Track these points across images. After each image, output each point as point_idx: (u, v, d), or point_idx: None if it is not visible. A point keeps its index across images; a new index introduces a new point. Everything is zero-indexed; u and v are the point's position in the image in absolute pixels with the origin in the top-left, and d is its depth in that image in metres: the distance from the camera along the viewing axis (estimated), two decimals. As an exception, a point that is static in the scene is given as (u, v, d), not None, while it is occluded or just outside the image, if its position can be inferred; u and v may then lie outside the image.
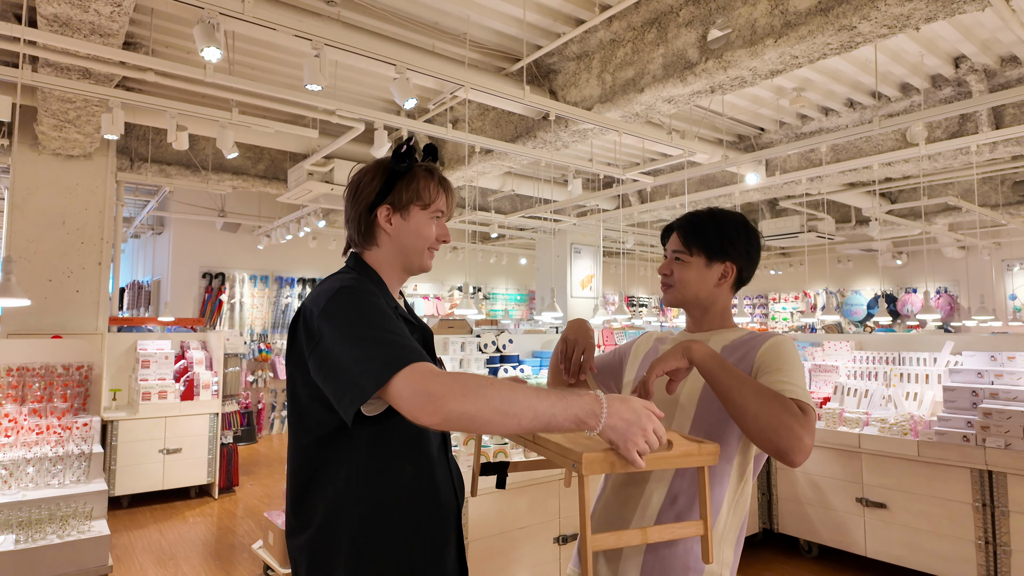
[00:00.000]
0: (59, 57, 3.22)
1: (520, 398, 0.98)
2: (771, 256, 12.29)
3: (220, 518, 4.83)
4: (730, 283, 1.44)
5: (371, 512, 1.14)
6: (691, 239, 1.43)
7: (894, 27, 2.87)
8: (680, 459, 1.06)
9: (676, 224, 1.49)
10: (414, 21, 3.95)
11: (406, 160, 1.26)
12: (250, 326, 8.61)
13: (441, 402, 0.96)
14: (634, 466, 0.99)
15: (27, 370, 2.73)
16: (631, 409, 1.00)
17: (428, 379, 0.98)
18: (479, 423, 0.97)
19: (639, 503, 1.34)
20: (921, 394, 3.83)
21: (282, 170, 6.51)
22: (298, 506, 1.19)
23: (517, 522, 2.84)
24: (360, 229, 1.28)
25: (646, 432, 0.99)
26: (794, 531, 3.97)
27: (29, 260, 4.91)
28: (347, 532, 1.13)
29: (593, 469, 0.98)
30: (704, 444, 1.08)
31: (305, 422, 1.17)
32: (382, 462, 1.16)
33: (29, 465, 2.22)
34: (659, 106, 3.99)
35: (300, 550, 1.18)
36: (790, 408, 1.15)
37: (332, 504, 1.14)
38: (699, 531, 1.10)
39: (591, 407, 0.99)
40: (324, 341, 1.09)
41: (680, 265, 1.44)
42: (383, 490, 1.16)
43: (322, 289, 1.17)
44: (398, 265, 1.29)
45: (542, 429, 1.00)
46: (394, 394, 1.00)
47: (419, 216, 1.27)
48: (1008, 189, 7.72)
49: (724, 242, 1.41)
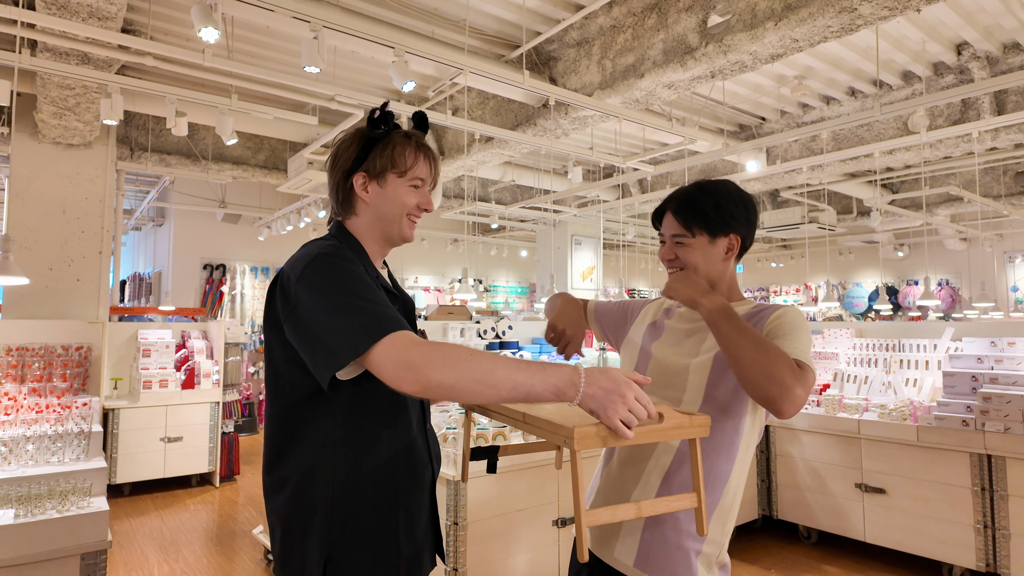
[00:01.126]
0: (58, 41, 3.22)
1: (499, 368, 0.99)
2: (772, 248, 12.27)
3: (221, 506, 4.85)
4: (735, 254, 1.39)
5: (345, 476, 1.15)
6: (690, 219, 1.36)
7: (895, 9, 2.86)
8: (671, 432, 1.05)
9: (669, 204, 1.41)
10: (413, 7, 3.93)
11: (381, 126, 1.24)
12: (251, 317, 8.62)
13: (421, 372, 0.97)
14: (621, 437, 0.97)
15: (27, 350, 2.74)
16: (610, 378, 0.99)
17: (408, 348, 0.99)
18: (458, 392, 0.98)
19: (640, 479, 1.33)
20: (921, 380, 3.83)
21: (282, 160, 6.51)
22: (274, 468, 1.19)
23: (516, 504, 2.84)
24: (339, 198, 1.27)
25: (626, 399, 0.97)
26: (793, 517, 3.97)
27: (30, 249, 4.91)
28: (321, 495, 1.14)
29: (585, 444, 0.97)
30: (695, 416, 1.07)
31: (281, 385, 1.17)
32: (357, 427, 1.16)
33: (29, 443, 2.23)
34: (659, 92, 3.97)
35: (276, 512, 1.18)
36: (787, 360, 1.15)
37: (307, 467, 1.15)
38: (693, 504, 1.08)
39: (570, 377, 0.99)
40: (301, 307, 1.08)
41: (684, 248, 1.37)
42: (358, 454, 1.16)
43: (300, 255, 1.16)
44: (377, 234, 1.27)
45: (521, 399, 1.01)
46: (374, 362, 1.01)
47: (396, 183, 1.24)
48: (1010, 179, 7.69)
49: (724, 215, 1.35)
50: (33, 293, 4.89)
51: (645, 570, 1.26)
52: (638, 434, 1.01)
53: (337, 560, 1.13)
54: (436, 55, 3.30)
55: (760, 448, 4.13)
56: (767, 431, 4.12)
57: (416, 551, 1.22)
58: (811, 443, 3.90)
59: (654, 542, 1.27)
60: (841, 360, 4.32)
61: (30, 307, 4.83)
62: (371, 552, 1.15)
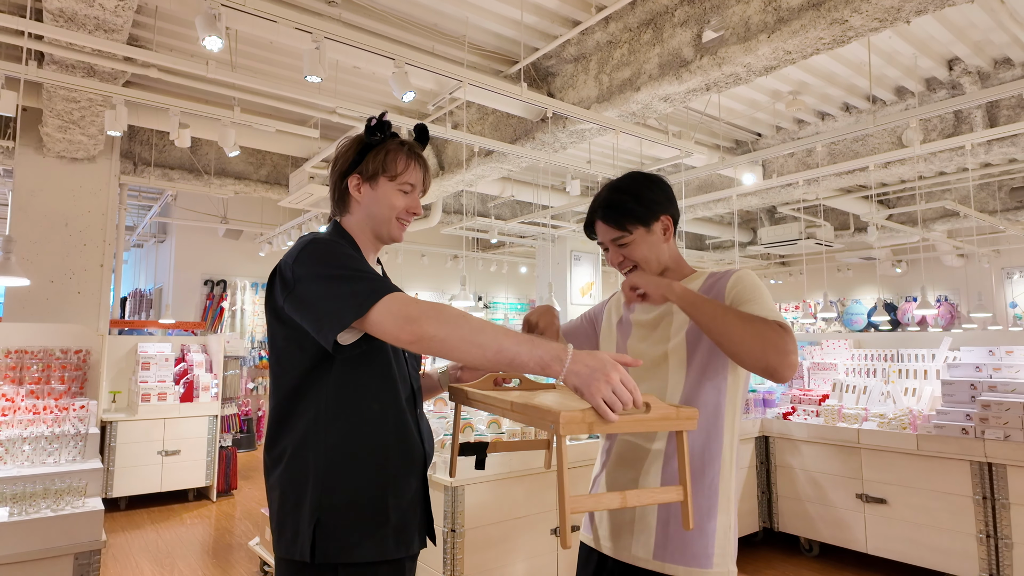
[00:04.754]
0: (64, 53, 3.28)
1: (488, 332, 1.05)
2: (771, 265, 12.31)
3: (218, 519, 4.81)
4: (672, 233, 1.46)
5: (337, 443, 1.19)
6: (620, 219, 1.42)
7: (885, 20, 2.92)
8: (657, 422, 1.04)
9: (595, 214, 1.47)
10: (413, 23, 4.01)
11: (377, 133, 1.33)
12: (251, 333, 8.62)
13: (417, 323, 1.05)
14: (605, 419, 0.98)
15: (25, 352, 2.75)
16: (596, 357, 1.01)
17: (407, 304, 1.08)
18: (448, 347, 1.05)
19: (642, 469, 1.35)
20: (920, 389, 3.82)
21: (284, 175, 6.57)
22: (272, 444, 1.24)
23: (514, 512, 2.83)
24: (335, 196, 1.37)
25: (610, 379, 0.98)
26: (794, 529, 3.94)
27: (32, 261, 4.95)
28: (314, 463, 1.18)
29: (571, 429, 0.97)
30: (683, 409, 1.06)
31: (283, 364, 1.24)
32: (349, 398, 1.21)
33: (25, 443, 2.22)
34: (655, 104, 4.03)
35: (273, 485, 1.23)
36: (773, 327, 1.20)
37: (300, 438, 1.20)
38: (679, 496, 1.08)
39: (556, 352, 1.02)
40: (300, 284, 1.16)
41: (628, 248, 1.43)
42: (349, 424, 1.20)
43: (295, 245, 1.25)
44: (369, 232, 1.35)
45: (505, 365, 1.04)
46: (375, 320, 1.08)
47: (386, 187, 1.33)
48: (1006, 195, 7.75)
49: (646, 202, 1.42)
50: (34, 304, 4.91)
51: (665, 559, 1.29)
52: (624, 422, 1.00)
53: (326, 524, 1.16)
54: (435, 67, 3.37)
55: (760, 459, 4.11)
56: (766, 442, 4.11)
57: (404, 523, 1.24)
58: (811, 453, 3.88)
59: (670, 531, 1.30)
60: (840, 370, 4.32)
61: (31, 317, 4.85)
62: (360, 518, 1.18)
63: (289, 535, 1.18)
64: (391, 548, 1.21)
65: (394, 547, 1.21)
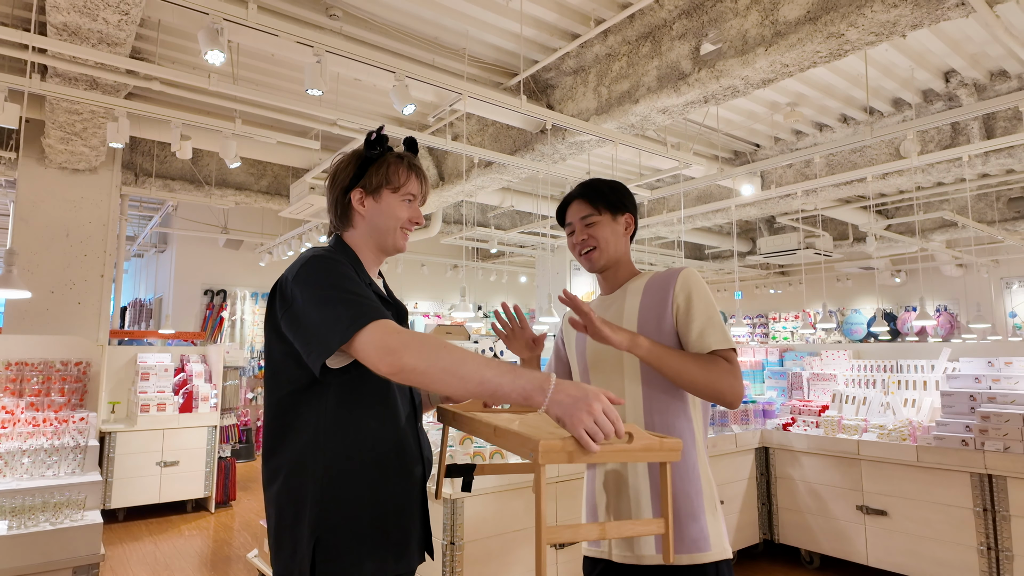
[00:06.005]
0: (67, 66, 3.31)
1: (470, 363, 1.04)
2: (770, 275, 12.32)
3: (216, 531, 4.79)
4: (631, 233, 1.59)
5: (335, 462, 1.19)
6: (595, 198, 1.54)
7: (881, 34, 2.95)
8: (640, 453, 1.03)
9: (574, 194, 1.59)
10: (414, 36, 4.05)
11: (377, 147, 1.35)
12: (251, 343, 8.62)
13: (397, 355, 1.05)
14: (587, 450, 0.97)
15: (25, 365, 2.75)
16: (579, 387, 1.01)
17: (389, 334, 1.08)
18: (428, 379, 1.04)
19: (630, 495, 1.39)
20: (919, 401, 3.82)
21: (285, 186, 6.60)
22: (270, 459, 1.24)
23: (513, 524, 2.82)
24: (337, 212, 1.37)
25: (592, 410, 0.98)
26: (795, 541, 3.92)
27: (32, 272, 4.96)
28: (312, 482, 1.18)
29: (550, 458, 0.96)
30: (666, 440, 1.05)
31: (278, 378, 1.24)
32: (348, 416, 1.21)
33: (24, 456, 2.22)
34: (654, 116, 4.06)
35: (271, 500, 1.23)
36: (722, 367, 1.34)
37: (298, 455, 1.20)
38: (660, 529, 1.07)
39: (539, 382, 1.02)
40: (296, 302, 1.17)
41: (594, 227, 1.54)
42: (348, 442, 1.20)
43: (297, 260, 1.26)
44: (373, 244, 1.37)
45: (488, 396, 1.05)
46: (359, 347, 1.09)
47: (390, 198, 1.35)
48: (1004, 205, 7.77)
49: (618, 195, 1.56)
50: (34, 315, 4.91)
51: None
52: (605, 452, 0.99)
53: (325, 543, 1.16)
54: (436, 80, 3.39)
55: (760, 471, 4.10)
56: (766, 453, 4.10)
57: (404, 539, 1.24)
58: (811, 465, 3.87)
59: None
60: (839, 381, 4.32)
61: (31, 328, 4.86)
62: (359, 537, 1.18)
63: (287, 552, 1.18)
64: (391, 565, 1.21)
65: (394, 564, 1.21)
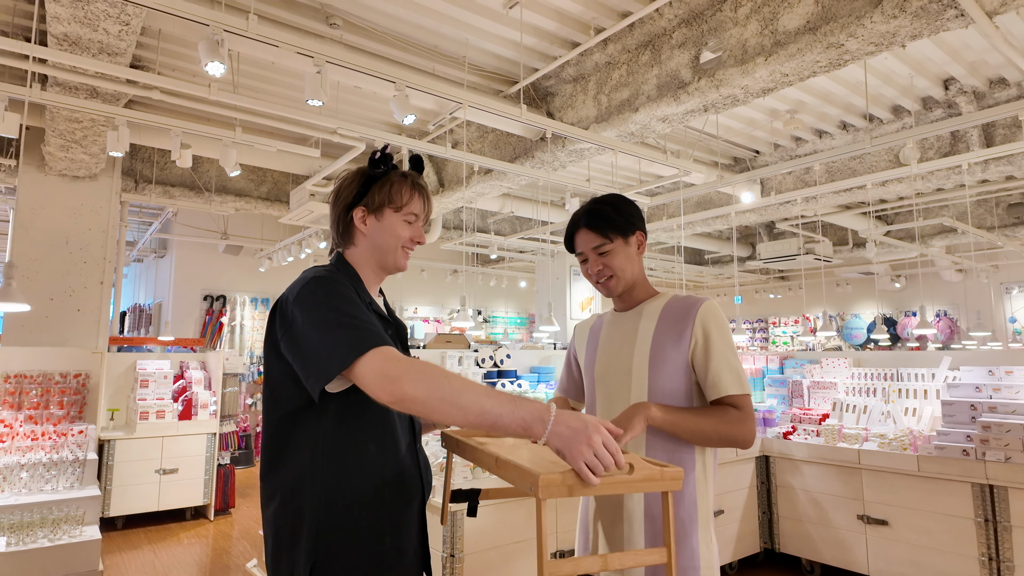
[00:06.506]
0: (67, 75, 3.31)
1: (469, 393, 1.03)
2: (770, 280, 12.32)
3: (215, 539, 4.77)
4: (644, 250, 1.54)
5: (333, 485, 1.18)
6: (603, 226, 1.49)
7: (880, 44, 2.95)
8: (641, 484, 1.02)
9: (579, 222, 1.54)
10: (414, 44, 4.05)
11: (381, 166, 1.35)
12: (250, 348, 8.61)
13: (396, 383, 1.04)
14: (587, 484, 0.97)
15: (24, 377, 2.74)
16: (579, 419, 1.01)
17: (389, 362, 1.07)
18: (427, 408, 1.03)
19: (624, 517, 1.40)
20: (920, 409, 3.82)
21: (284, 192, 6.60)
22: (267, 478, 1.24)
23: (513, 536, 2.81)
24: (339, 229, 1.37)
25: (592, 443, 0.97)
26: (796, 550, 3.91)
27: (31, 279, 4.95)
28: (309, 504, 1.17)
29: (550, 492, 0.95)
30: (667, 469, 1.04)
31: (277, 398, 1.23)
32: (346, 439, 1.20)
33: (23, 470, 2.22)
34: (653, 125, 4.06)
35: (268, 521, 1.22)
36: (732, 417, 1.34)
37: (296, 476, 1.19)
38: (662, 559, 1.06)
39: (539, 413, 1.02)
40: (296, 324, 1.16)
41: (608, 256, 1.49)
42: (346, 465, 1.20)
43: (298, 279, 1.26)
44: (374, 263, 1.36)
45: (488, 427, 1.04)
46: (358, 374, 1.08)
47: (392, 218, 1.34)
48: (1003, 211, 7.78)
49: (625, 215, 1.51)
50: (33, 322, 4.90)
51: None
52: (606, 484, 0.99)
53: (323, 568, 1.15)
54: (436, 90, 3.39)
55: (760, 479, 4.09)
56: (767, 462, 4.09)
57: (402, 562, 1.24)
58: (811, 473, 3.86)
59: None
60: (840, 389, 4.31)
61: (30, 336, 4.85)
62: (357, 561, 1.18)
63: (284, 574, 1.17)
64: None
65: None
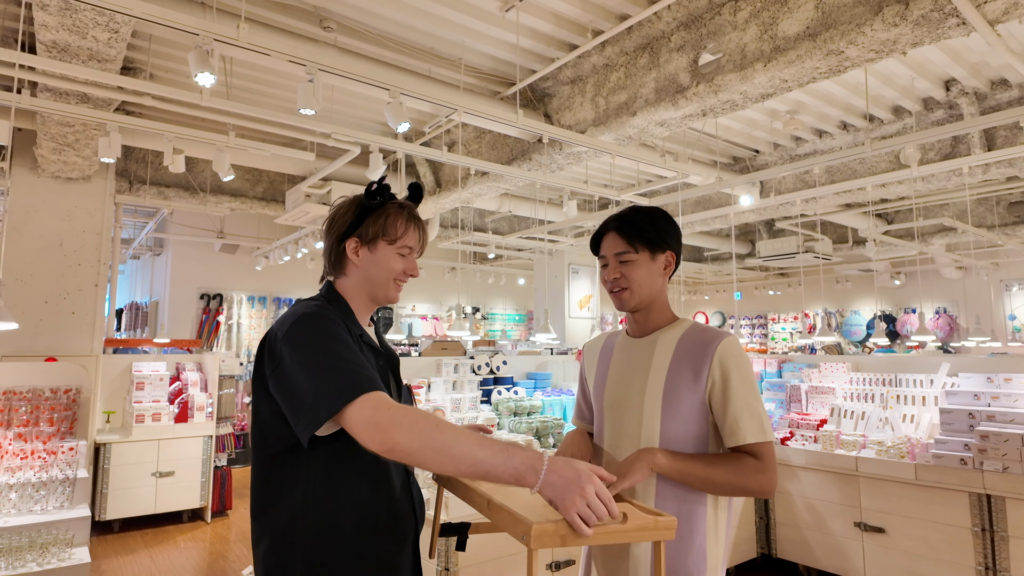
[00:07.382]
0: (57, 82, 3.26)
1: (462, 443, 1.01)
2: (769, 277, 12.30)
3: (212, 543, 4.77)
4: (671, 272, 1.47)
5: (326, 527, 1.16)
6: (633, 235, 1.42)
7: (881, 52, 2.91)
8: (634, 533, 1.01)
9: (610, 225, 1.47)
10: (410, 46, 4.00)
11: (377, 197, 1.31)
12: (247, 347, 8.59)
13: (387, 433, 1.02)
14: (579, 534, 0.95)
15: (14, 394, 2.72)
16: (572, 468, 0.99)
17: (379, 410, 1.04)
18: (419, 459, 1.01)
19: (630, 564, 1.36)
20: (918, 416, 3.80)
21: (280, 192, 6.55)
22: (258, 518, 1.21)
23: (509, 548, 2.80)
24: (331, 259, 1.34)
25: (585, 493, 0.96)
26: (793, 556, 3.91)
27: (25, 282, 4.92)
28: (301, 546, 1.15)
29: (543, 542, 0.94)
30: (661, 518, 1.03)
31: (266, 437, 1.21)
32: (339, 479, 1.18)
33: (11, 491, 2.19)
34: (652, 129, 4.02)
35: (258, 562, 1.20)
36: (748, 466, 1.26)
37: (288, 518, 1.17)
38: None
39: (532, 462, 1.00)
40: (284, 364, 1.14)
41: (628, 266, 1.43)
42: (339, 506, 1.18)
43: (288, 314, 1.22)
44: (364, 294, 1.33)
45: (480, 476, 1.02)
46: (347, 420, 1.06)
47: (385, 250, 1.31)
48: (1004, 210, 7.74)
49: (660, 231, 1.44)
50: (28, 326, 4.87)
51: None
52: (599, 534, 0.97)
53: None
54: (431, 95, 3.35)
55: (758, 485, 4.08)
56: (765, 467, 4.08)
57: None
58: (809, 480, 3.85)
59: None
60: (838, 395, 4.30)
61: (24, 340, 4.82)
62: None
63: None
64: None
65: None
